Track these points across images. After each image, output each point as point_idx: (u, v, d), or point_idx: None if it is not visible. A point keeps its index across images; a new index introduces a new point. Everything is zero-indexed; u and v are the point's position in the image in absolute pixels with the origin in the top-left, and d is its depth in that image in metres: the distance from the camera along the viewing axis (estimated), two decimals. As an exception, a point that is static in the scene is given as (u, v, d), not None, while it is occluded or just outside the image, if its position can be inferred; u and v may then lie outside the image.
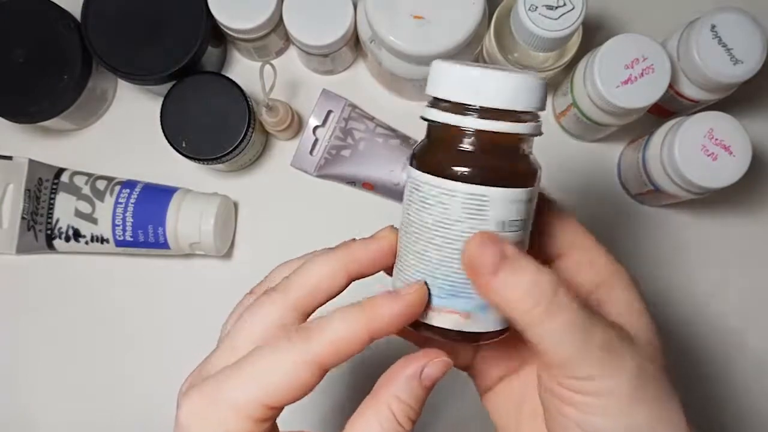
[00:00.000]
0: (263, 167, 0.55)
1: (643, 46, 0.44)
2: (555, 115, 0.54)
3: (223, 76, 0.49)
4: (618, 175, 0.54)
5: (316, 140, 0.52)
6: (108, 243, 0.50)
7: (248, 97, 0.49)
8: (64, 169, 0.52)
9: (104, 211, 0.50)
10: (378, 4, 0.44)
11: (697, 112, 0.46)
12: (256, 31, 0.49)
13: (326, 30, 0.48)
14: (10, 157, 0.51)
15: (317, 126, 0.52)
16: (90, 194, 0.51)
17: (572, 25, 0.42)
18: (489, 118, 0.26)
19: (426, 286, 0.27)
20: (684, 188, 0.46)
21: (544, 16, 0.42)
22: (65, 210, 0.51)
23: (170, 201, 0.50)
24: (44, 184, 0.51)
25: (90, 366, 0.53)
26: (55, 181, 0.52)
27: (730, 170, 0.44)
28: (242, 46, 0.52)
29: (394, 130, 0.53)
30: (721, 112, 0.45)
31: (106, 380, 0.53)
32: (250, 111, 0.49)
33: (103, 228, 0.50)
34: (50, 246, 0.52)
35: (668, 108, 0.50)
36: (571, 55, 0.47)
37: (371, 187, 0.52)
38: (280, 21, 0.49)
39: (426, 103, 0.28)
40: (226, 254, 0.53)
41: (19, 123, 0.51)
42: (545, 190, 0.30)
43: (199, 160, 0.49)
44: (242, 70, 0.55)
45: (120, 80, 0.54)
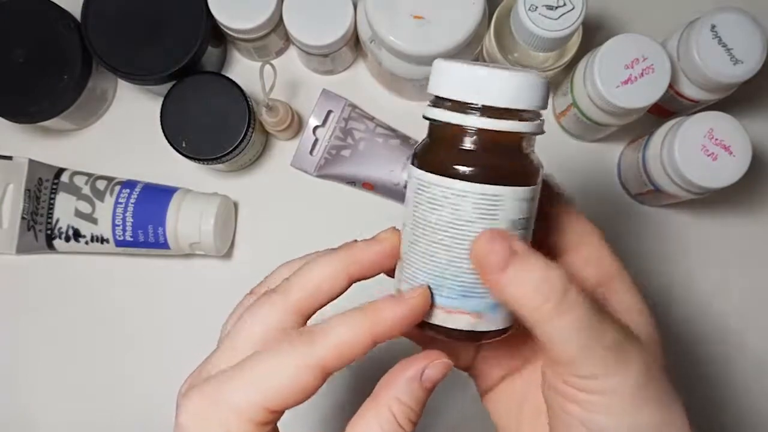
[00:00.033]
0: (263, 167, 0.55)
1: (643, 46, 0.44)
2: (555, 115, 0.54)
3: (223, 76, 0.49)
4: (618, 175, 0.54)
5: (316, 140, 0.52)
6: (108, 243, 0.50)
7: (248, 97, 0.49)
8: (64, 169, 0.52)
9: (104, 211, 0.50)
10: (378, 4, 0.44)
11: (697, 112, 0.46)
12: (256, 31, 0.49)
13: (326, 30, 0.48)
14: (10, 157, 0.51)
15: (317, 126, 0.52)
16: (90, 194, 0.51)
17: (572, 25, 0.42)
18: (505, 117, 0.26)
19: (429, 290, 0.27)
20: (684, 188, 0.46)
21: (544, 16, 0.42)
22: (65, 210, 0.51)
23: (170, 201, 0.50)
24: (44, 184, 0.51)
25: (90, 366, 0.53)
26: (55, 181, 0.52)
27: (730, 170, 0.44)
28: (242, 46, 0.52)
29: (394, 130, 0.53)
30: (721, 112, 0.45)
31: (106, 380, 0.53)
32: (250, 111, 0.49)
33: (103, 228, 0.50)
34: (50, 246, 0.52)
35: (668, 108, 0.50)
36: (571, 55, 0.47)
37: (371, 187, 0.52)
38: (280, 21, 0.49)
39: (428, 102, 0.28)
40: (226, 254, 0.53)
41: (19, 123, 0.51)
42: (557, 181, 0.30)
43: (199, 160, 0.49)
44: (242, 70, 0.55)
45: (120, 80, 0.54)
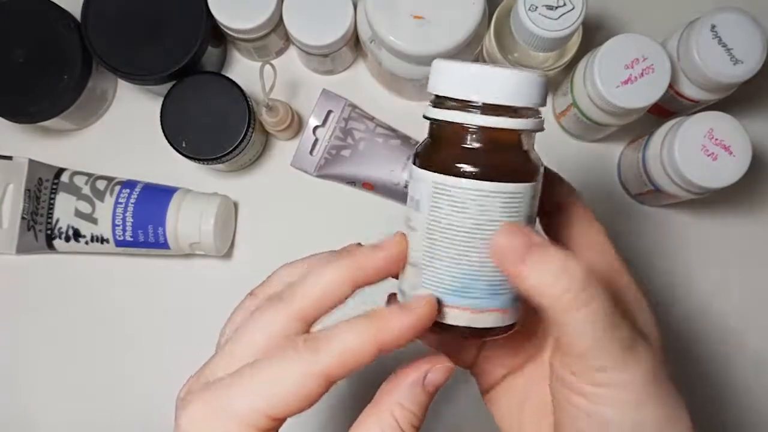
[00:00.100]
0: (263, 167, 0.55)
1: (643, 46, 0.44)
2: (555, 115, 0.54)
3: (223, 76, 0.49)
4: (618, 175, 0.54)
5: (316, 140, 0.52)
6: (108, 243, 0.50)
7: (248, 97, 0.49)
8: (64, 169, 0.52)
9: (104, 211, 0.50)
10: (378, 4, 0.44)
11: (697, 112, 0.46)
12: (256, 31, 0.49)
13: (326, 30, 0.48)
14: (10, 157, 0.51)
15: (317, 126, 0.52)
16: (90, 194, 0.51)
17: (572, 25, 0.42)
18: (529, 116, 0.27)
19: (435, 299, 0.27)
20: (684, 188, 0.46)
21: (544, 16, 0.42)
22: (65, 210, 0.51)
23: (170, 201, 0.50)
24: (44, 184, 0.51)
25: (90, 366, 0.53)
26: (55, 181, 0.52)
27: (730, 170, 0.44)
28: (242, 46, 0.52)
29: (394, 130, 0.53)
30: (721, 112, 0.45)
31: (106, 380, 0.53)
32: (250, 111, 0.49)
33: (103, 228, 0.50)
34: (50, 246, 0.52)
35: (668, 108, 0.50)
36: (571, 55, 0.47)
37: (371, 187, 0.52)
38: (280, 21, 0.49)
39: (428, 102, 0.28)
40: (226, 254, 0.53)
41: (19, 123, 0.51)
42: (565, 177, 0.30)
43: (199, 160, 0.49)
44: (242, 70, 0.55)
45: (120, 80, 0.54)
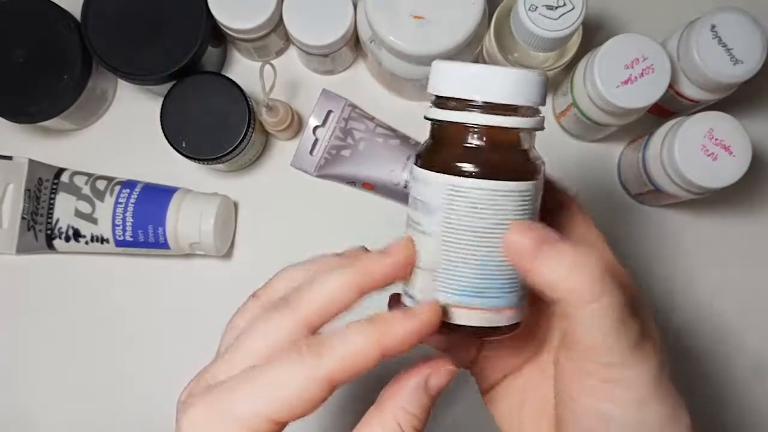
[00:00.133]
0: (263, 167, 0.55)
1: (643, 46, 0.44)
2: (555, 115, 0.54)
3: (223, 76, 0.49)
4: (618, 175, 0.54)
5: (316, 140, 0.52)
6: (108, 243, 0.50)
7: (248, 97, 0.49)
8: (64, 169, 0.52)
9: (104, 211, 0.50)
10: (378, 4, 0.44)
11: (697, 112, 0.46)
12: (256, 31, 0.49)
13: (326, 30, 0.48)
14: (10, 157, 0.51)
15: (317, 126, 0.52)
16: (90, 194, 0.51)
17: (572, 25, 0.42)
18: (530, 115, 0.27)
19: (439, 305, 0.27)
20: (684, 188, 0.46)
21: (544, 16, 0.42)
22: (65, 210, 0.51)
23: (170, 201, 0.50)
24: (44, 184, 0.51)
25: (90, 366, 0.53)
26: (55, 181, 0.52)
27: (730, 170, 0.44)
28: (242, 46, 0.52)
29: (394, 130, 0.53)
30: (721, 112, 0.45)
31: (106, 380, 0.53)
32: (250, 111, 0.49)
33: (103, 228, 0.50)
34: (50, 246, 0.52)
35: (668, 108, 0.50)
36: (571, 55, 0.47)
37: (371, 187, 0.52)
38: (280, 21, 0.49)
39: (430, 104, 0.28)
40: (226, 254, 0.53)
41: (19, 123, 0.51)
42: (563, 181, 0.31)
43: (199, 160, 0.49)
44: (242, 70, 0.55)
45: (120, 80, 0.54)
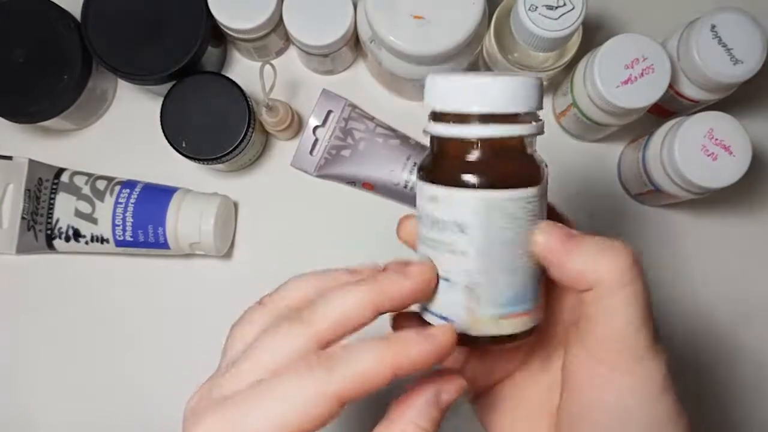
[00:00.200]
0: (263, 167, 0.55)
1: (643, 46, 0.44)
2: (555, 115, 0.54)
3: (223, 76, 0.49)
4: (618, 175, 0.54)
5: (316, 140, 0.52)
6: (108, 243, 0.50)
7: (248, 97, 0.49)
8: (64, 169, 0.52)
9: (104, 211, 0.50)
10: (378, 4, 0.44)
11: (697, 112, 0.46)
12: (256, 31, 0.49)
13: (326, 30, 0.48)
14: (10, 157, 0.51)
15: (317, 126, 0.52)
16: (90, 194, 0.51)
17: (572, 25, 0.42)
18: (530, 120, 0.27)
19: (454, 327, 0.26)
20: (684, 188, 0.46)
21: (544, 16, 0.42)
22: (65, 210, 0.51)
23: (170, 201, 0.50)
24: (44, 184, 0.51)
25: (90, 366, 0.53)
26: (55, 181, 0.52)
27: (730, 170, 0.44)
28: (242, 46, 0.52)
29: (394, 130, 0.53)
30: (721, 112, 0.45)
31: (106, 380, 0.53)
32: (250, 111, 0.49)
33: (103, 228, 0.50)
34: (50, 246, 0.52)
35: (668, 108, 0.50)
36: (571, 55, 0.47)
37: (371, 187, 0.52)
38: (280, 21, 0.49)
39: (432, 120, 0.28)
40: (226, 254, 0.53)
41: (19, 123, 0.51)
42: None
43: (199, 160, 0.49)
44: (242, 70, 0.55)
45: (120, 80, 0.54)
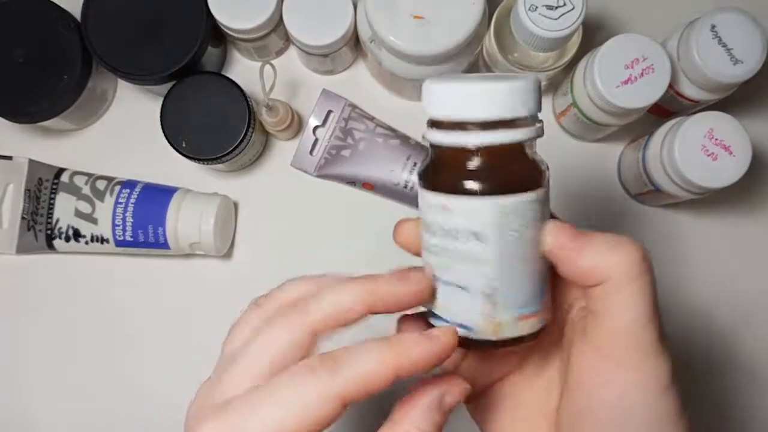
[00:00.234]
0: (263, 167, 0.55)
1: (643, 46, 0.44)
2: (555, 115, 0.54)
3: (223, 76, 0.49)
4: (618, 175, 0.54)
5: (316, 140, 0.52)
6: (108, 243, 0.50)
7: (248, 97, 0.49)
8: (64, 169, 0.52)
9: (104, 211, 0.50)
10: (378, 4, 0.44)
11: (697, 112, 0.46)
12: (256, 31, 0.49)
13: (326, 30, 0.48)
14: (10, 157, 0.51)
15: (317, 126, 0.52)
16: (90, 194, 0.51)
17: (572, 25, 0.42)
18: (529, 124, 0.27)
19: (455, 329, 0.27)
20: (684, 188, 0.46)
21: (544, 16, 0.42)
22: (65, 210, 0.51)
23: (170, 201, 0.50)
24: (44, 184, 0.51)
25: (90, 366, 0.53)
26: (55, 181, 0.52)
27: (730, 170, 0.44)
28: (242, 46, 0.52)
29: (394, 130, 0.53)
30: (721, 112, 0.45)
31: (106, 380, 0.53)
32: (250, 111, 0.49)
33: (103, 228, 0.50)
34: (50, 246, 0.52)
35: (668, 108, 0.50)
36: (571, 55, 0.47)
37: (371, 187, 0.52)
38: (280, 21, 0.49)
39: (435, 128, 0.27)
40: (226, 254, 0.53)
41: (19, 123, 0.51)
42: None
43: (199, 160, 0.49)
44: (242, 70, 0.55)
45: (120, 80, 0.54)
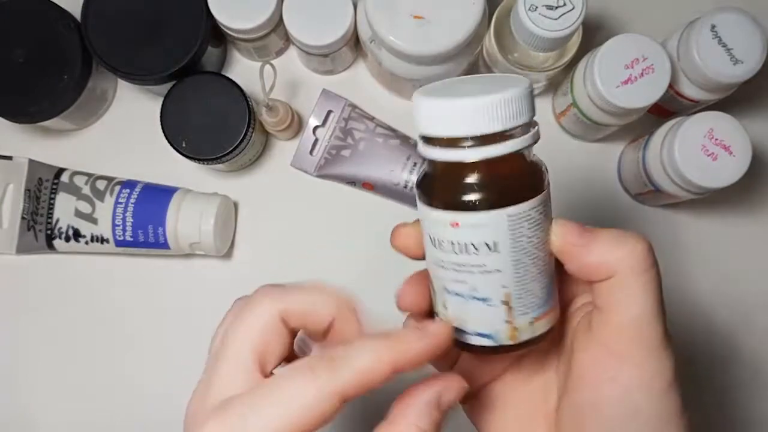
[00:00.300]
0: (263, 167, 0.55)
1: (643, 46, 0.44)
2: (555, 115, 0.54)
3: (223, 76, 0.49)
4: (618, 175, 0.54)
5: (316, 140, 0.52)
6: (108, 243, 0.50)
7: (248, 97, 0.49)
8: (64, 169, 0.52)
9: (104, 211, 0.50)
10: (378, 4, 0.44)
11: (697, 112, 0.46)
12: (256, 31, 0.49)
13: (326, 30, 0.48)
14: (10, 157, 0.51)
15: (317, 126, 0.52)
16: (90, 194, 0.51)
17: (572, 25, 0.42)
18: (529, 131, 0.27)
19: (451, 325, 0.27)
20: (684, 188, 0.46)
21: (544, 16, 0.42)
22: (65, 210, 0.51)
23: (170, 201, 0.50)
24: (44, 184, 0.51)
25: (90, 366, 0.53)
26: (55, 181, 0.52)
27: (730, 170, 0.44)
28: (242, 46, 0.52)
29: (394, 130, 0.53)
30: (721, 112, 0.45)
31: (106, 380, 0.53)
32: (250, 111, 0.49)
33: (103, 228, 0.50)
34: (50, 246, 0.52)
35: (668, 108, 0.50)
36: (571, 55, 0.47)
37: (371, 187, 0.52)
38: (280, 21, 0.49)
39: (429, 143, 0.27)
40: (226, 254, 0.53)
41: (19, 123, 0.51)
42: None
43: (199, 160, 0.49)
44: (242, 70, 0.55)
45: (120, 80, 0.54)
